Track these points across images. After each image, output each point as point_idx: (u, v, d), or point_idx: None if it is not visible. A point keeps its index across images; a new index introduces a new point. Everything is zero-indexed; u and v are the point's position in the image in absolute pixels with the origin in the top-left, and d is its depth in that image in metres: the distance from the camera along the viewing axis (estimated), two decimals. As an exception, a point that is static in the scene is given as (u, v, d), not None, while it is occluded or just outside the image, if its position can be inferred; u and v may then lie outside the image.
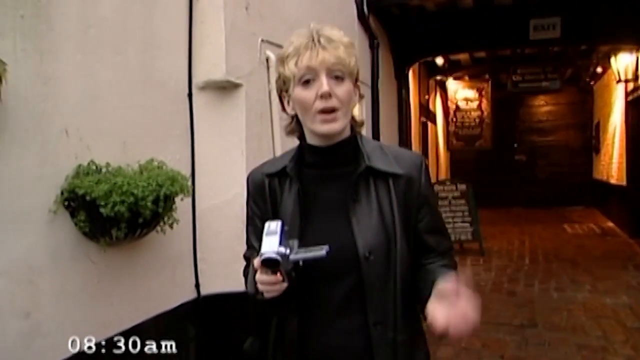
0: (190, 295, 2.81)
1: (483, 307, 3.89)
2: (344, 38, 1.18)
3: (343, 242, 1.16)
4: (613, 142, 9.37)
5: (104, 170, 2.14)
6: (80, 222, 2.04)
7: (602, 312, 4.57)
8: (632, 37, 6.22)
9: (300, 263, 1.10)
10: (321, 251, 1.06)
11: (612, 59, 7.87)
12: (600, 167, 10.77)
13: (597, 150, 11.01)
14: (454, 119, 10.91)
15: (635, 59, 7.31)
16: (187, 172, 2.60)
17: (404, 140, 6.69)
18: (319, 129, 1.18)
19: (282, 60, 1.19)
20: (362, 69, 4.95)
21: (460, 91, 10.94)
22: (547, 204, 11.46)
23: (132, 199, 1.96)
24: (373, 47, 5.45)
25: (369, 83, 5.46)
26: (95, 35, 2.22)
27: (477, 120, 10.84)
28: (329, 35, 1.15)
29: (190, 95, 2.81)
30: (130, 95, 2.42)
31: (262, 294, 1.10)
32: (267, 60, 3.24)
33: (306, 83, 1.15)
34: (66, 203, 2.03)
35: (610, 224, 9.26)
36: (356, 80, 1.22)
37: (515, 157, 12.54)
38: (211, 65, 2.84)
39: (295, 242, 1.11)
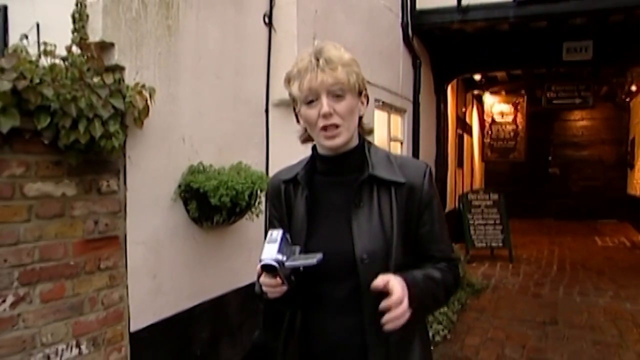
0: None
1: (509, 306, 4.64)
2: (344, 56, 1.24)
3: (343, 245, 1.24)
4: (647, 159, 9.58)
5: (208, 169, 2.78)
6: (191, 209, 2.67)
7: (620, 315, 4.96)
8: (662, 60, 6.57)
9: (301, 268, 1.18)
10: (313, 259, 1.14)
11: (646, 79, 8.16)
12: (634, 182, 10.92)
13: (632, 165, 11.16)
14: (490, 132, 11.31)
15: (668, 80, 7.61)
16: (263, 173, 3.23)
17: (441, 150, 7.19)
18: (323, 143, 1.27)
19: (288, 81, 1.28)
20: (405, 86, 5.59)
21: (496, 105, 11.34)
22: (579, 217, 11.67)
23: (234, 192, 2.59)
24: (415, 67, 5.99)
25: (411, 98, 6.00)
26: (204, 64, 2.87)
27: (511, 133, 11.21)
28: (328, 56, 1.21)
29: (267, 110, 3.44)
30: (225, 110, 3.06)
31: (266, 294, 1.20)
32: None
33: (310, 103, 1.23)
34: (182, 194, 2.67)
35: (642, 239, 9.48)
36: (360, 92, 1.29)
37: (549, 170, 12.76)
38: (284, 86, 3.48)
39: (297, 249, 1.22)
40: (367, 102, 1.34)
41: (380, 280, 1.12)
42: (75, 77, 2.04)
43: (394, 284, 1.12)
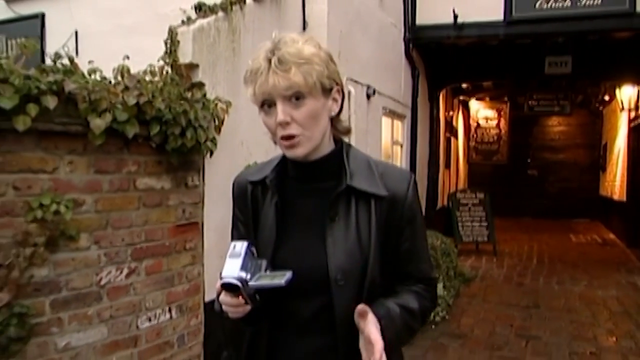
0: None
1: (496, 292, 5.55)
2: (303, 51, 1.05)
3: (315, 261, 1.11)
4: (617, 162, 10.38)
5: (261, 168, 3.31)
6: (249, 201, 3.20)
7: (593, 300, 5.66)
8: (632, 75, 7.34)
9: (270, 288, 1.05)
10: (281, 280, 1.02)
11: (617, 90, 8.96)
12: (605, 184, 11.76)
13: (604, 168, 12.00)
14: (475, 135, 12.05)
15: (636, 92, 8.36)
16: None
17: (434, 152, 7.82)
18: (285, 152, 1.13)
19: (245, 83, 1.11)
20: (405, 94, 6.17)
21: (481, 110, 12.10)
22: (555, 216, 12.47)
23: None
24: (414, 77, 6.61)
25: (410, 105, 6.61)
26: (257, 80, 3.40)
27: (495, 137, 11.98)
28: (282, 55, 1.03)
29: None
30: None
31: (226, 313, 1.08)
32: (350, 93, 4.40)
33: (267, 108, 1.08)
34: (241, 188, 3.20)
35: (612, 236, 10.27)
36: (328, 89, 1.10)
37: (528, 172, 13.51)
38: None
39: (263, 263, 1.09)
40: (342, 98, 1.16)
41: (361, 310, 1.03)
42: (177, 93, 2.55)
43: (372, 327, 1.02)
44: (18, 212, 2.07)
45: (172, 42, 2.76)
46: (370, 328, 1.02)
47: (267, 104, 1.08)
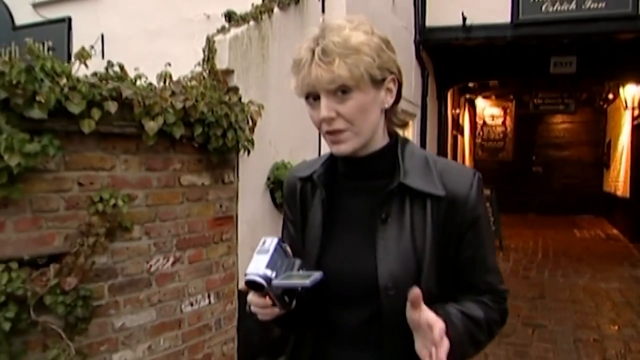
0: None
1: None
2: (349, 40, 0.95)
3: (364, 266, 1.02)
4: (621, 159, 10.59)
5: (287, 165, 3.56)
6: (277, 197, 3.45)
7: (596, 292, 5.90)
8: (635, 74, 7.56)
9: (299, 288, 0.99)
10: (306, 280, 0.93)
11: (621, 89, 9.17)
12: (609, 180, 11.95)
13: (608, 165, 12.19)
14: (481, 133, 12.30)
15: (639, 91, 8.61)
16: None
17: (442, 150, 8.05)
18: (331, 148, 1.04)
19: (292, 70, 1.03)
20: (415, 93, 6.40)
21: (487, 109, 12.34)
22: (560, 212, 12.67)
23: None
24: (424, 77, 6.84)
25: (420, 104, 6.85)
26: (283, 84, 3.65)
27: (501, 134, 12.22)
28: (325, 45, 0.95)
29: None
30: (296, 120, 3.83)
31: (256, 315, 1.01)
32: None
33: (312, 101, 1.00)
34: (270, 185, 3.45)
35: (615, 231, 10.49)
36: (381, 80, 1.00)
37: (533, 168, 13.74)
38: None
39: (297, 262, 1.01)
40: (399, 87, 1.07)
41: (414, 298, 0.89)
42: (218, 98, 2.80)
43: (429, 313, 0.90)
44: (82, 205, 2.32)
45: (210, 50, 3.00)
46: (428, 313, 0.90)
47: (311, 97, 1.00)
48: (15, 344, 2.08)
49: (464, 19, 6.48)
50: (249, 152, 2.84)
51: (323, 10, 4.20)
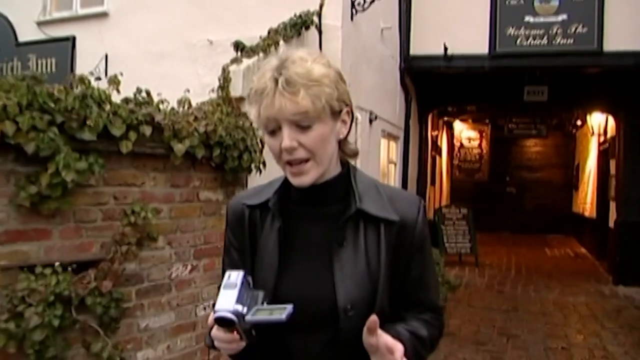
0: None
1: (479, 298, 6.50)
2: (312, 72, 0.98)
3: (322, 291, 1.04)
4: (588, 182, 11.21)
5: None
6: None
7: (565, 305, 6.35)
8: (601, 104, 8.18)
9: (274, 323, 0.95)
10: (281, 315, 0.93)
11: (588, 116, 9.82)
12: (578, 202, 12.58)
13: (576, 187, 12.82)
14: (458, 154, 12.87)
15: (605, 119, 9.20)
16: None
17: (423, 170, 8.50)
18: (290, 180, 1.06)
19: (248, 102, 1.05)
20: (399, 117, 6.84)
21: (464, 131, 12.93)
22: (531, 231, 13.21)
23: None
24: (407, 101, 7.29)
25: (403, 127, 7.29)
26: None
27: (477, 156, 12.81)
28: (289, 76, 0.96)
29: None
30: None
31: (219, 349, 1.01)
32: (356, 118, 5.03)
33: (272, 132, 1.01)
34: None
35: (583, 250, 11.06)
36: (338, 111, 1.04)
37: (507, 189, 14.31)
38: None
39: (260, 294, 1.00)
40: (352, 119, 1.11)
41: (371, 325, 0.94)
42: (234, 123, 3.13)
43: (387, 337, 0.96)
44: (116, 217, 2.61)
45: (225, 79, 3.34)
46: (385, 337, 0.96)
47: (269, 129, 1.02)
48: (59, 339, 2.35)
49: (446, 49, 6.96)
50: (260, 172, 3.16)
51: (320, 42, 4.59)
